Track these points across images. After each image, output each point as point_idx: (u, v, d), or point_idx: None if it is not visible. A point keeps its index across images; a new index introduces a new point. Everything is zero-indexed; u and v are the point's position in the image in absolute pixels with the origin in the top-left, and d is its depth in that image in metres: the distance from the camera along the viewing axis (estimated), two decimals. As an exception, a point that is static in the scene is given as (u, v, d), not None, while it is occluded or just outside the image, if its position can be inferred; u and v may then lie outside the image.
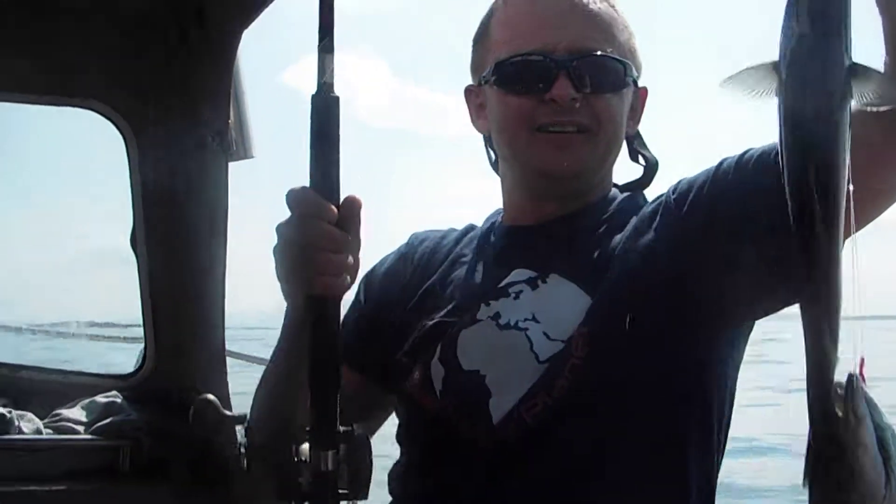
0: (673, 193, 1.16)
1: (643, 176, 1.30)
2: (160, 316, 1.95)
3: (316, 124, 1.05)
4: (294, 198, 1.01)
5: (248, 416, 1.36)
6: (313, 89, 1.02)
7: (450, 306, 1.23)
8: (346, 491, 1.02)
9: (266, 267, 1.07)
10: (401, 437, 1.29)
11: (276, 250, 1.04)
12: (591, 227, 1.22)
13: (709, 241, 1.09)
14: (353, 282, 1.07)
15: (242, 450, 1.42)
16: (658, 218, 1.16)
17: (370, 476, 1.03)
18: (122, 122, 1.86)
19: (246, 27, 1.77)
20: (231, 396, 1.97)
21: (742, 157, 1.09)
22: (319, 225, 0.99)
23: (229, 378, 2.01)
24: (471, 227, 1.37)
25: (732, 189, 1.08)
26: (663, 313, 1.11)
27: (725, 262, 1.08)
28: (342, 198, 1.02)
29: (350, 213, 1.02)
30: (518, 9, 1.24)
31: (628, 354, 1.11)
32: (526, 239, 1.26)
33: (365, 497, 1.06)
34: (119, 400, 1.95)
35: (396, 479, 1.27)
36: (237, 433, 1.81)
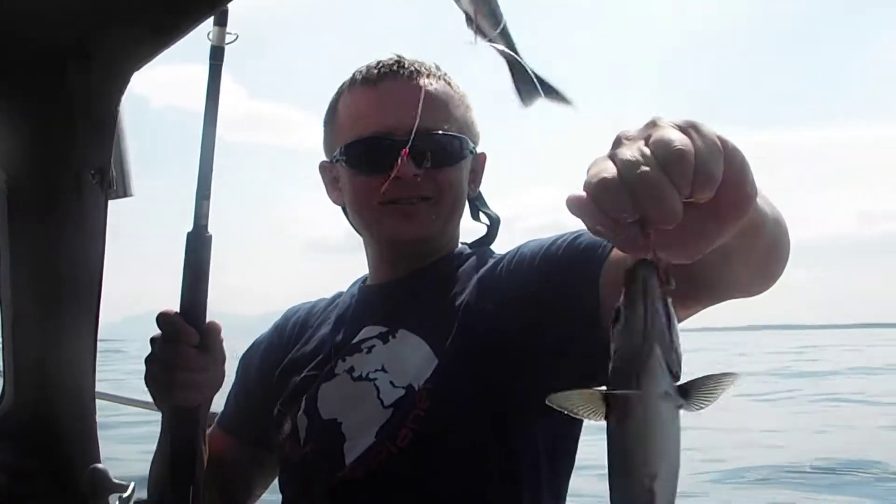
0: (513, 258, 1.26)
1: (487, 233, 1.44)
2: (21, 355, 1.87)
3: (190, 259, 1.21)
4: (162, 321, 1.19)
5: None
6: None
7: (314, 363, 1.36)
8: None
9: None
10: (280, 486, 1.43)
11: (146, 362, 1.22)
12: (436, 284, 1.34)
13: (531, 311, 1.16)
14: (214, 392, 1.26)
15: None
16: (496, 280, 1.26)
17: None
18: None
19: (138, 69, 1.70)
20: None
21: (574, 241, 1.14)
22: (181, 347, 1.18)
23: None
24: (338, 294, 1.51)
25: (557, 271, 1.14)
26: (499, 372, 1.20)
27: (545, 336, 1.15)
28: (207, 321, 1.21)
29: (211, 336, 1.22)
30: (363, 93, 1.34)
31: (467, 410, 1.22)
32: (378, 297, 1.40)
33: None
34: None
35: None
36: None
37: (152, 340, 1.20)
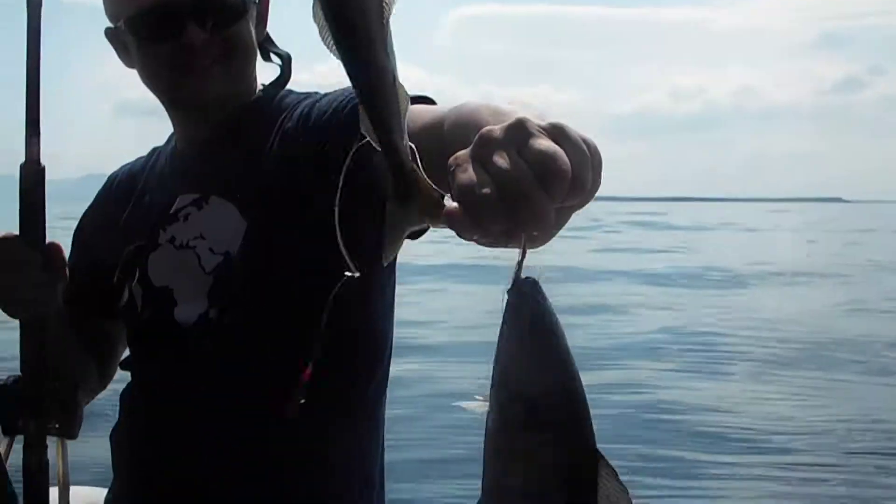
0: (306, 110, 1.28)
1: (281, 72, 1.44)
2: None
3: (25, 194, 1.30)
4: (3, 247, 1.27)
5: None
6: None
7: (140, 232, 1.40)
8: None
9: None
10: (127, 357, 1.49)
11: None
12: (241, 141, 1.36)
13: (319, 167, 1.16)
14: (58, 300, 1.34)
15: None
16: (293, 133, 1.28)
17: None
18: None
19: None
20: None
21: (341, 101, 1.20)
22: (24, 269, 1.27)
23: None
24: (153, 152, 1.53)
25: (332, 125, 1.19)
26: (301, 230, 1.24)
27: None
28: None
29: (53, 254, 1.31)
30: None
31: (281, 269, 1.27)
32: (187, 163, 1.42)
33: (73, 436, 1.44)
34: None
35: (124, 392, 1.46)
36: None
37: None
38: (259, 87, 1.42)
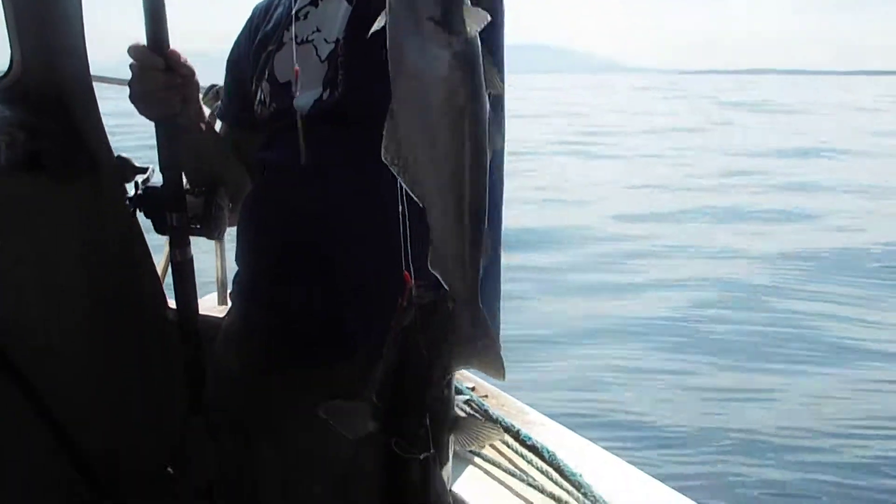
0: None
1: None
2: (23, 22, 2.02)
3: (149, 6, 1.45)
4: (132, 52, 1.45)
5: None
6: None
7: (272, 39, 1.52)
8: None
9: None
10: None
11: (128, 85, 1.48)
12: None
13: None
14: (190, 101, 1.52)
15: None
16: None
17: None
18: None
19: None
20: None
21: None
22: (148, 71, 1.44)
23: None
24: None
25: None
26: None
27: None
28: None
29: (173, 59, 1.46)
30: None
31: (378, 50, 1.28)
32: None
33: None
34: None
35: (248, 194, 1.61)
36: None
37: (130, 67, 1.44)
38: None
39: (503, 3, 1.28)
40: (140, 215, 1.68)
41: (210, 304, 2.57)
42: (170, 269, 1.68)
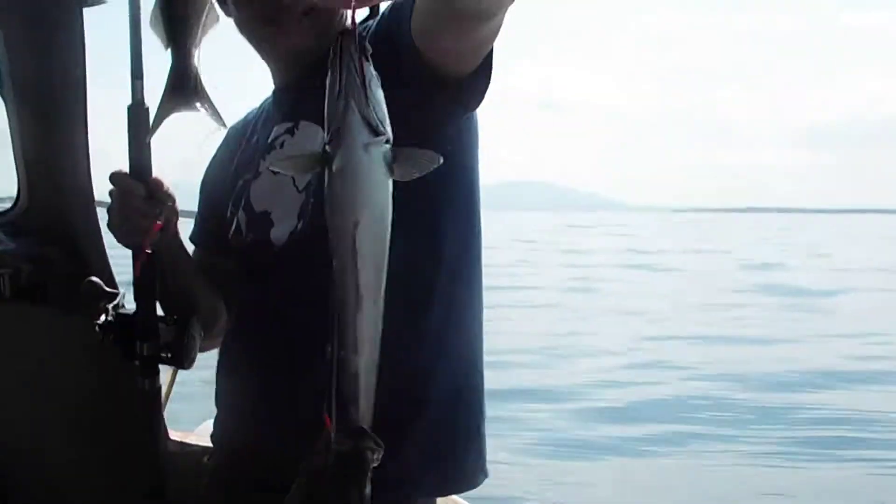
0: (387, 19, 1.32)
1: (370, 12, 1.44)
2: (30, 156, 2.08)
3: (131, 131, 1.42)
4: (113, 179, 1.41)
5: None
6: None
7: (248, 168, 1.51)
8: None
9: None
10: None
11: (107, 211, 1.43)
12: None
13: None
14: (169, 230, 1.45)
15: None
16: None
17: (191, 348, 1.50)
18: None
19: None
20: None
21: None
22: (129, 199, 1.39)
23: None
24: (265, 100, 1.62)
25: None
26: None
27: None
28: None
29: (156, 187, 1.40)
30: None
31: None
32: (282, 98, 1.52)
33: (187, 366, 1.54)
34: (-3, 234, 2.12)
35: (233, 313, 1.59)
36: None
37: (110, 194, 1.42)
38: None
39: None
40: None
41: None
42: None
